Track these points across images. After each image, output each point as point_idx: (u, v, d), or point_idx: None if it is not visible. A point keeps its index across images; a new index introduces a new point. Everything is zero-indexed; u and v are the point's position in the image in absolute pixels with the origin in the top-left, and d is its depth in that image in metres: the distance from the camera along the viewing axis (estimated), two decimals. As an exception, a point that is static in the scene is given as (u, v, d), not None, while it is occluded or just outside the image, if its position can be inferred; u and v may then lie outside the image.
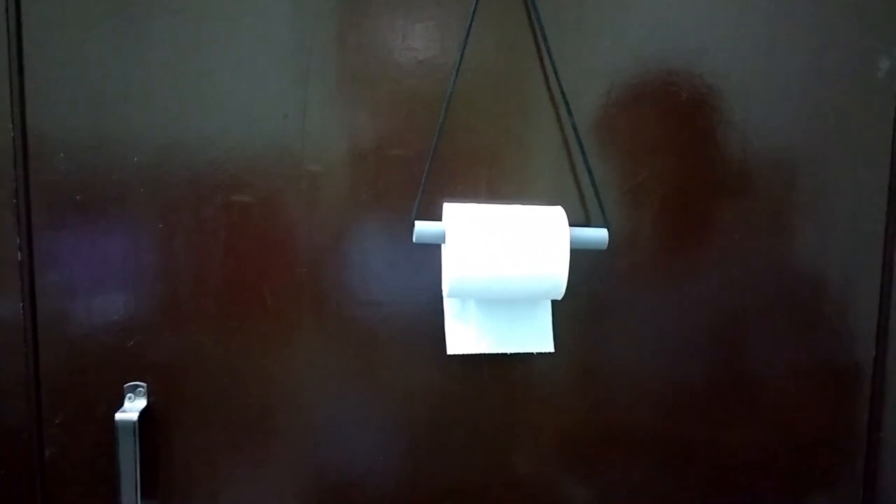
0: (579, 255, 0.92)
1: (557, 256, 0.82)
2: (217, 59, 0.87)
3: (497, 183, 0.92)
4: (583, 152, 0.91)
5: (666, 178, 0.94)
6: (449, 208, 0.86)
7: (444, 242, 0.85)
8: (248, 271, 0.91)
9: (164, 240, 0.89)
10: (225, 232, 0.90)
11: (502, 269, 0.82)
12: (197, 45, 0.87)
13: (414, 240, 0.86)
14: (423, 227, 0.86)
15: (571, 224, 0.90)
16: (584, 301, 0.94)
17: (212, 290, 0.91)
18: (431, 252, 0.92)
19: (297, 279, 0.91)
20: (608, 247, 0.89)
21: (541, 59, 0.91)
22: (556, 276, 0.83)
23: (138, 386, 0.91)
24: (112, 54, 0.86)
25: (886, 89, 0.94)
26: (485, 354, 0.93)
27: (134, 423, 0.88)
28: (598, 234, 0.88)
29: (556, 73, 0.90)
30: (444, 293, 0.86)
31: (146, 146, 0.88)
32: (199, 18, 0.87)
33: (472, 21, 0.89)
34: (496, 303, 0.91)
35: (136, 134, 0.87)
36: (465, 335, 0.91)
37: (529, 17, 0.90)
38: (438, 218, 0.91)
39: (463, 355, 0.93)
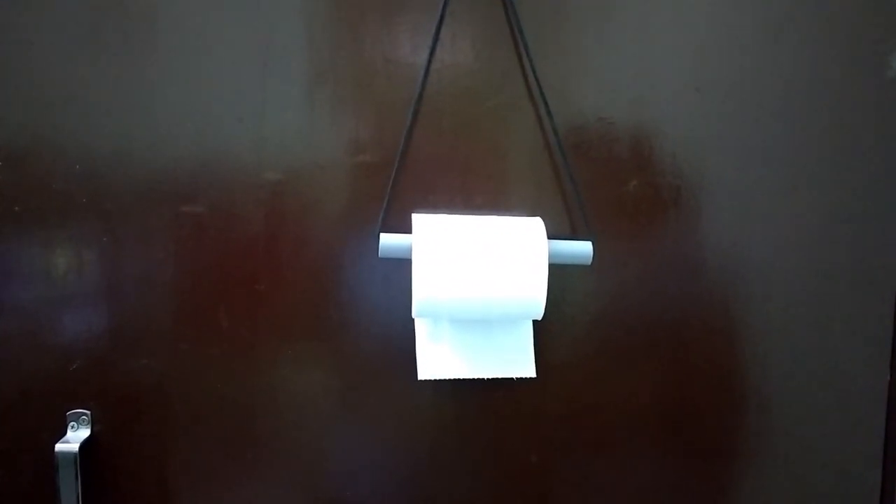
0: (564, 270, 0.84)
1: (534, 273, 0.74)
2: (165, 60, 0.81)
3: (472, 192, 0.85)
4: (564, 157, 0.83)
5: (658, 185, 0.86)
6: (418, 219, 0.79)
7: (411, 257, 0.77)
8: (201, 289, 0.83)
9: (109, 254, 0.82)
10: (175, 245, 0.83)
11: (474, 288, 0.74)
12: (144, 45, 0.80)
13: (379, 254, 0.79)
14: (388, 241, 0.78)
15: (553, 236, 0.82)
16: (570, 319, 0.86)
17: (161, 309, 0.83)
18: (404, 266, 0.84)
19: (255, 297, 0.84)
20: (594, 261, 0.81)
21: (519, 57, 0.83)
22: (532, 295, 0.75)
23: (82, 414, 0.84)
24: (56, 57, 0.79)
25: (898, 88, 0.86)
26: (461, 378, 0.85)
27: (75, 454, 0.81)
28: (581, 248, 0.80)
29: (534, 72, 0.83)
30: (414, 313, 0.78)
31: (89, 154, 0.81)
32: (147, 17, 0.80)
33: (441, 16, 0.81)
34: (472, 323, 0.83)
35: (78, 141, 0.80)
36: (437, 358, 0.83)
37: (507, 14, 0.83)
38: (409, 230, 0.83)
39: (438, 380, 0.85)
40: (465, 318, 0.78)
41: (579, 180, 0.84)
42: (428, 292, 0.74)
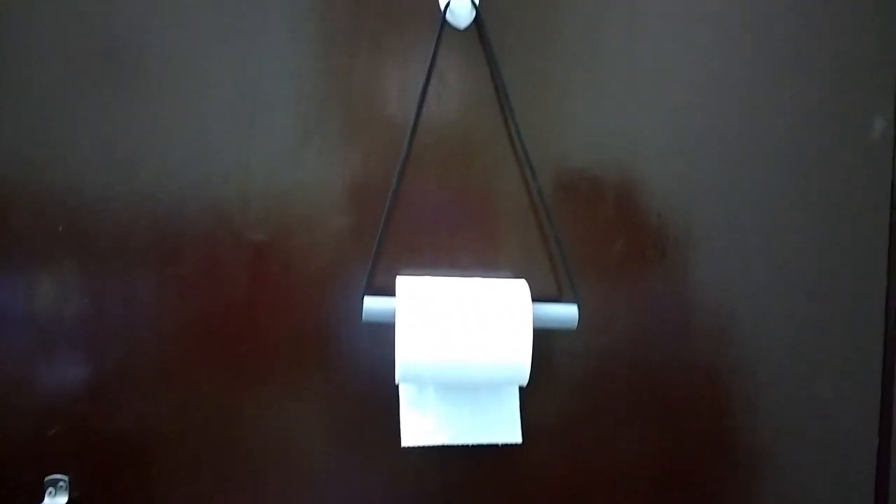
0: (549, 331, 0.82)
1: (519, 339, 0.73)
2: (150, 116, 0.81)
3: (458, 253, 0.84)
4: (549, 220, 0.83)
5: (644, 244, 0.85)
6: (402, 282, 0.78)
7: (394, 321, 0.76)
8: (182, 351, 0.82)
9: (88, 314, 0.81)
10: (157, 306, 0.82)
11: (458, 353, 0.73)
12: (128, 100, 0.80)
13: (363, 319, 0.78)
14: (372, 305, 0.77)
15: (538, 298, 0.81)
16: (556, 382, 0.85)
17: (142, 372, 0.82)
18: (390, 329, 0.83)
19: (237, 361, 0.83)
20: (580, 324, 0.80)
21: (504, 118, 0.83)
22: (517, 360, 0.74)
23: (59, 480, 0.82)
24: (37, 112, 0.79)
25: (881, 149, 0.86)
26: (446, 445, 0.83)
27: (50, 523, 0.79)
28: (566, 312, 0.79)
29: (519, 134, 0.83)
30: (397, 378, 0.77)
31: (71, 211, 0.80)
32: (132, 73, 0.80)
33: (428, 77, 0.82)
34: (457, 388, 0.82)
35: (60, 198, 0.80)
36: (421, 425, 0.81)
37: (492, 74, 0.83)
38: (392, 292, 0.82)
39: (422, 446, 0.83)
40: (449, 383, 0.76)
41: (565, 242, 0.83)
42: (411, 357, 0.73)
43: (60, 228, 0.80)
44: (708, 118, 0.86)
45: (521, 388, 0.83)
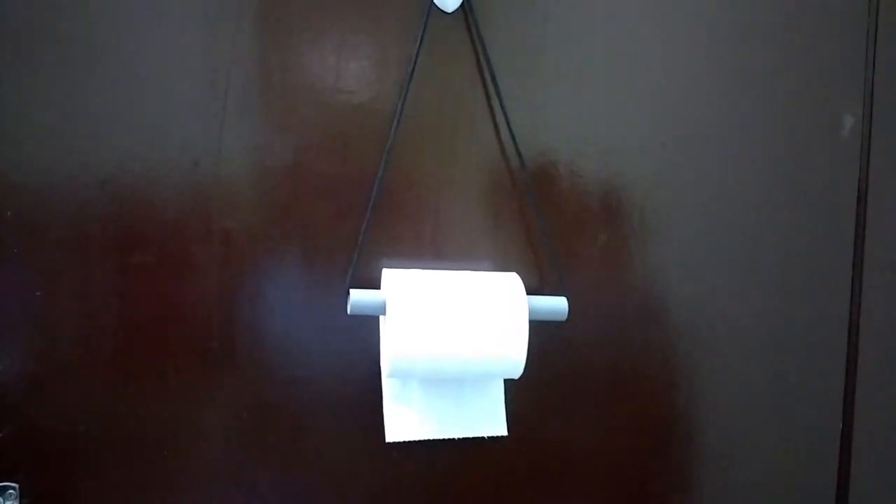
0: (532, 326, 0.81)
1: (515, 332, 0.72)
2: (111, 91, 0.74)
3: (442, 244, 0.82)
4: (538, 213, 0.82)
5: (629, 241, 0.86)
6: (389, 275, 0.75)
7: (383, 314, 0.73)
8: (146, 346, 0.77)
9: (42, 309, 0.74)
10: (119, 299, 0.76)
11: (452, 347, 0.71)
12: (84, 72, 0.74)
13: (349, 311, 0.74)
14: (359, 298, 0.74)
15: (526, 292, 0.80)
16: (538, 375, 0.84)
17: (101, 369, 0.76)
18: (367, 322, 0.80)
19: (208, 354, 0.78)
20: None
21: (490, 107, 0.81)
22: (514, 354, 0.72)
23: (9, 488, 0.75)
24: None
25: (851, 146, 0.89)
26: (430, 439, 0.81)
27: (-1, 535, 0.72)
28: (556, 304, 0.78)
29: (507, 121, 0.81)
30: (384, 373, 0.74)
31: (22, 197, 0.73)
32: (89, 43, 0.73)
33: (415, 63, 0.78)
34: (442, 381, 0.80)
35: (9, 181, 0.72)
36: (406, 419, 0.79)
37: (478, 63, 0.81)
38: (374, 284, 0.79)
39: (404, 441, 0.80)
40: (440, 377, 0.74)
41: (554, 234, 0.82)
42: (403, 352, 0.71)
43: (9, 214, 0.73)
44: (687, 114, 0.86)
45: (505, 382, 0.82)
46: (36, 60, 0.73)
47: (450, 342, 0.71)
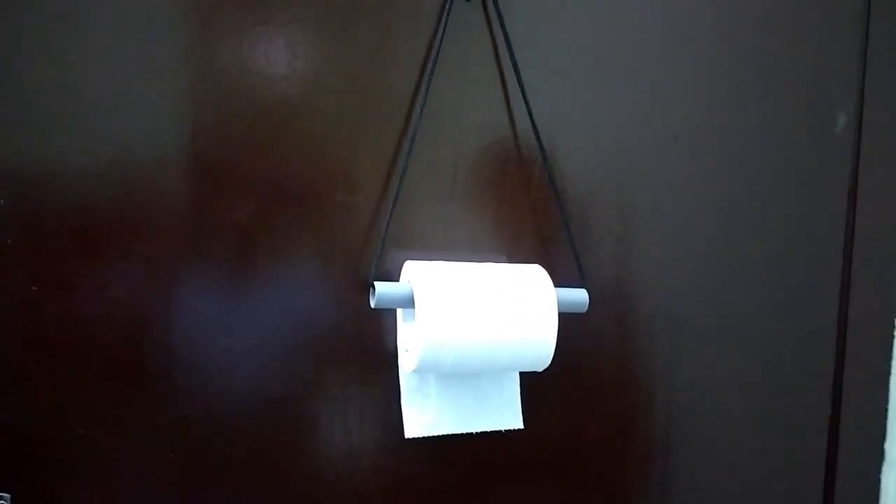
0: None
1: (545, 323, 0.72)
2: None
3: (458, 235, 0.80)
4: (561, 206, 0.81)
5: (640, 232, 0.86)
6: (411, 267, 0.73)
7: (412, 307, 0.71)
8: (150, 342, 0.72)
9: (33, 303, 0.69)
10: (122, 291, 0.71)
11: (484, 339, 0.70)
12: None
13: (373, 305, 0.72)
14: (386, 290, 0.72)
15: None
16: (551, 368, 0.84)
17: (99, 368, 0.71)
18: (385, 317, 0.77)
19: (218, 350, 0.74)
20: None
21: (506, 95, 0.80)
22: (543, 345, 0.72)
23: (0, 497, 0.70)
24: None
25: (843, 144, 0.92)
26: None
27: (-8, 549, 0.67)
28: (578, 296, 0.78)
29: (530, 113, 0.80)
30: (409, 366, 0.72)
31: None
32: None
33: (438, 49, 0.77)
34: (460, 376, 0.78)
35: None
36: (425, 415, 0.77)
37: (496, 56, 0.80)
38: (392, 277, 0.77)
39: (419, 437, 0.78)
40: (466, 370, 0.73)
41: (574, 228, 0.82)
42: (434, 343, 0.69)
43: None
44: (690, 111, 0.88)
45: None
46: None
47: (481, 333, 0.70)
